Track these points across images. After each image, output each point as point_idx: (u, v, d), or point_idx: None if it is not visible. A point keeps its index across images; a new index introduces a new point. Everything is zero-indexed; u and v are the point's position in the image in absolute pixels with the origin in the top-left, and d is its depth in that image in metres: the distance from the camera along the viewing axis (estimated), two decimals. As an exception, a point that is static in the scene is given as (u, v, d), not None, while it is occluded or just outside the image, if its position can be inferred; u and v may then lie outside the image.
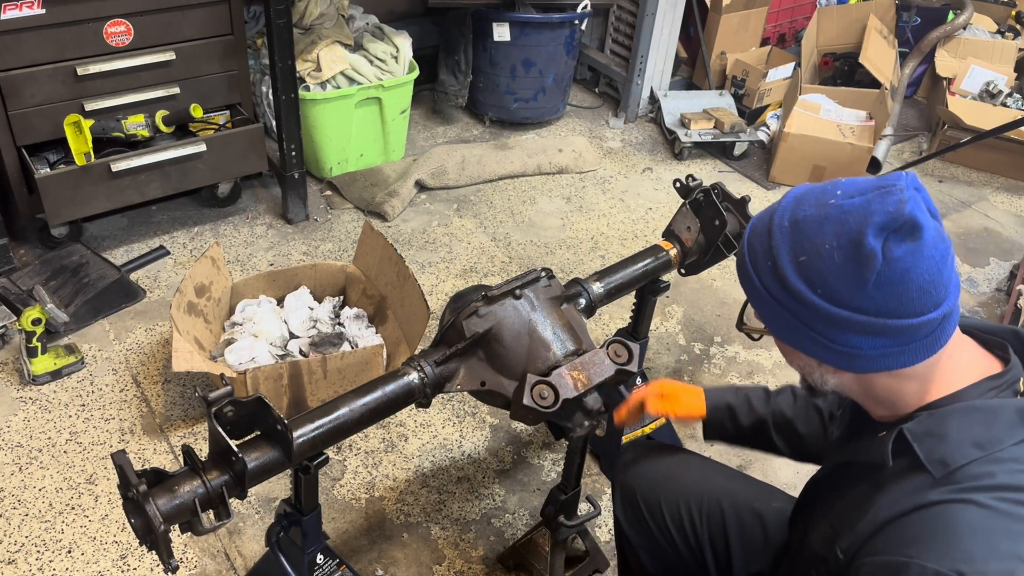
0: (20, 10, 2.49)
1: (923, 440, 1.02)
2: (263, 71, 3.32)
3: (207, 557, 2.06)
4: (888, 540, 1.01)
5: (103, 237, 3.09)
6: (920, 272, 0.95)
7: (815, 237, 0.99)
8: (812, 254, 0.98)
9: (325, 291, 2.73)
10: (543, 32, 3.76)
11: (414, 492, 2.28)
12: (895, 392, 1.07)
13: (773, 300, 1.04)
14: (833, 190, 1.01)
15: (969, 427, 1.01)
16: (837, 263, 0.97)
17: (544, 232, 3.36)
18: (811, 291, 0.99)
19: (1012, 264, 3.38)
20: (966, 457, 0.99)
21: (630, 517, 1.64)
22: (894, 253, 0.94)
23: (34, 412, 2.39)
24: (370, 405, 1.50)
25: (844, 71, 4.40)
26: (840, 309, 0.98)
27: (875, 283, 0.95)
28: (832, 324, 1.00)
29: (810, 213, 1.01)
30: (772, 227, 1.04)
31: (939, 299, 0.97)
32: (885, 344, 0.99)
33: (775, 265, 1.02)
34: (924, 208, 0.97)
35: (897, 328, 0.98)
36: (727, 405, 1.54)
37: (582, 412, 1.56)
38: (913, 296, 0.96)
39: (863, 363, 1.02)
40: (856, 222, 0.96)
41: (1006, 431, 1.00)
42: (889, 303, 0.96)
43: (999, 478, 0.98)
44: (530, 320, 1.58)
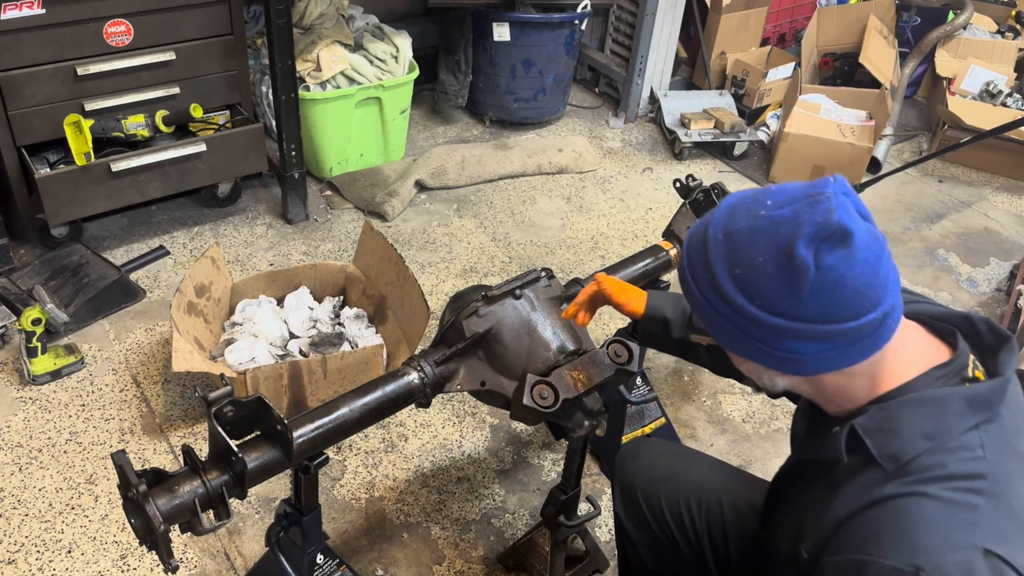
0: (20, 10, 2.49)
1: (874, 435, 1.03)
2: (263, 71, 3.32)
3: (207, 557, 2.06)
4: (847, 538, 1.02)
5: (103, 237, 3.09)
6: (854, 277, 0.96)
7: (748, 250, 1.00)
8: (747, 267, 1.00)
9: (325, 291, 2.73)
10: (543, 32, 3.76)
11: (414, 492, 2.28)
12: (845, 389, 1.08)
13: (714, 311, 1.05)
14: (764, 200, 1.02)
15: (918, 419, 1.02)
16: (771, 274, 0.98)
17: (544, 232, 3.36)
18: (749, 302, 1.00)
19: (1012, 264, 3.38)
20: (916, 449, 1.01)
21: (630, 514, 1.64)
22: (826, 262, 0.95)
23: (34, 412, 2.39)
24: (370, 405, 1.50)
25: (844, 71, 4.40)
26: (778, 319, 0.99)
27: (809, 292, 0.96)
28: (772, 333, 1.00)
29: (742, 226, 1.01)
30: (707, 240, 1.04)
31: (877, 300, 0.98)
32: (827, 348, 1.00)
33: (712, 278, 1.03)
34: (853, 213, 0.97)
35: (837, 332, 0.98)
36: (663, 318, 1.54)
37: (582, 412, 1.56)
38: (850, 300, 0.97)
39: (807, 367, 1.03)
40: (786, 233, 0.97)
41: (955, 420, 1.01)
42: (826, 310, 0.97)
43: (950, 467, 0.99)
44: (530, 320, 1.58)
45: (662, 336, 1.55)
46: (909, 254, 3.44)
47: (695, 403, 2.62)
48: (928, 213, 3.73)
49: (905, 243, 3.51)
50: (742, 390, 2.68)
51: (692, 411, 2.60)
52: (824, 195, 0.97)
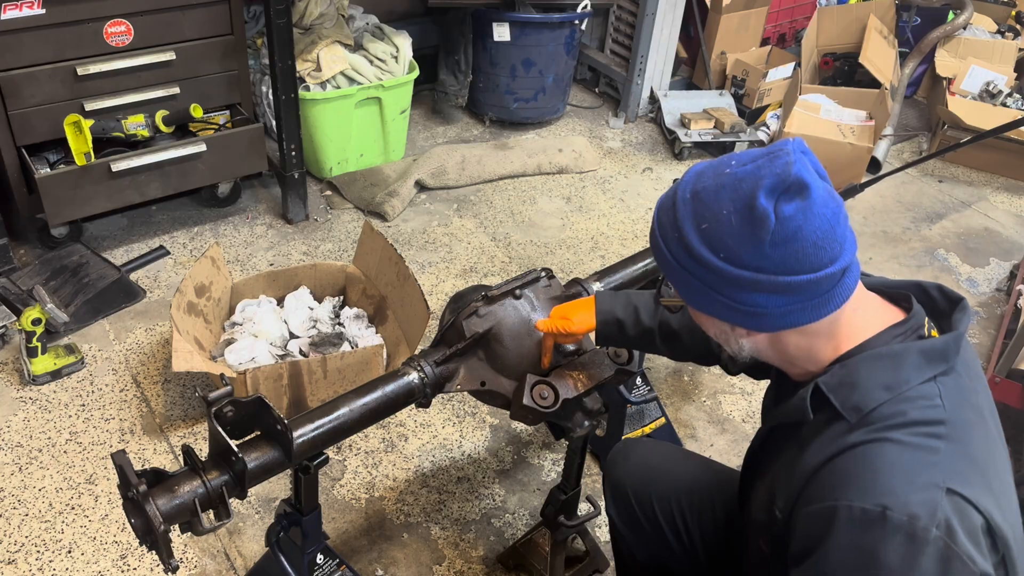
0: (20, 10, 2.49)
1: (837, 390, 1.07)
2: (263, 71, 3.32)
3: (207, 557, 2.06)
4: (816, 488, 1.06)
5: (103, 237, 3.09)
6: (812, 229, 1.01)
7: (714, 205, 1.05)
8: (712, 221, 1.05)
9: (325, 291, 2.73)
10: (543, 32, 3.76)
11: (414, 492, 2.28)
12: (807, 350, 1.12)
13: (682, 269, 1.10)
14: (728, 161, 1.08)
15: (878, 372, 1.06)
16: (735, 226, 1.03)
17: (544, 232, 3.36)
18: (714, 255, 1.05)
19: (1012, 264, 3.38)
20: (877, 400, 1.05)
21: (621, 513, 1.64)
22: (785, 212, 1.00)
23: (34, 412, 2.39)
24: (370, 405, 1.50)
25: (844, 71, 4.40)
26: (741, 270, 1.04)
27: (771, 242, 1.01)
28: (736, 286, 1.05)
29: (708, 184, 1.07)
30: (676, 201, 1.10)
31: (835, 254, 1.03)
32: (788, 301, 1.04)
33: (681, 236, 1.08)
34: (811, 169, 1.03)
35: (797, 284, 1.03)
36: (616, 320, 1.56)
37: (582, 412, 1.57)
38: (808, 252, 1.01)
39: (770, 321, 1.07)
40: (748, 186, 1.02)
41: (912, 372, 1.06)
42: (786, 260, 1.02)
43: (910, 415, 1.04)
44: (530, 320, 1.58)
45: (618, 337, 1.58)
46: (909, 254, 3.44)
47: (695, 403, 2.62)
48: (928, 213, 3.73)
49: (905, 243, 3.51)
50: (742, 390, 2.68)
51: (692, 411, 2.60)
52: (783, 151, 1.04)
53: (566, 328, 1.54)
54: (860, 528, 0.99)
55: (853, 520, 0.99)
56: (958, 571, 0.97)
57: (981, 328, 3.05)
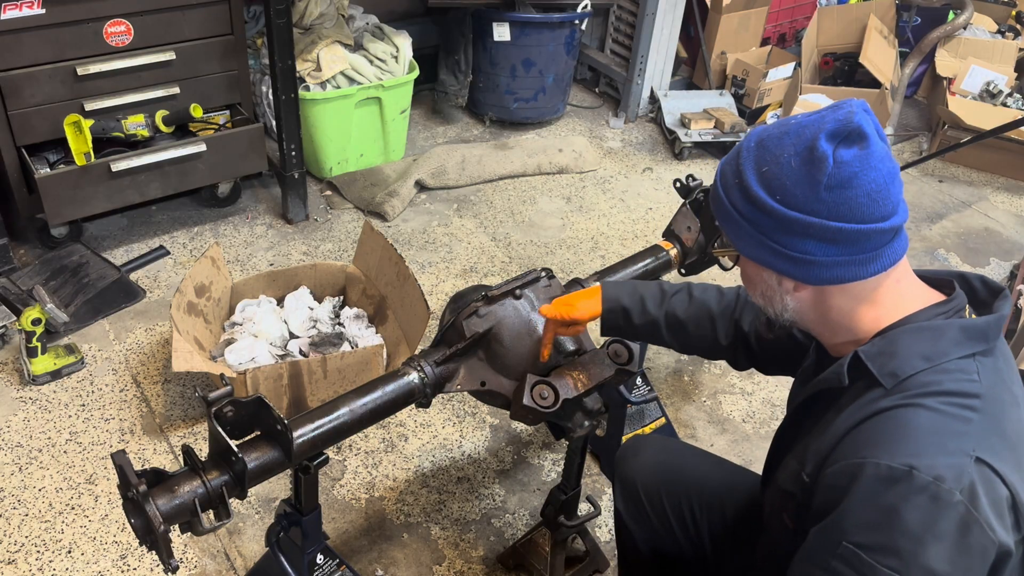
0: (20, 10, 2.49)
1: (875, 359, 1.09)
2: (263, 71, 3.32)
3: (207, 557, 2.06)
4: (844, 448, 1.07)
5: (103, 237, 3.09)
6: (868, 180, 1.03)
7: (776, 150, 1.08)
8: (773, 164, 1.08)
9: (325, 291, 2.73)
10: (543, 32, 3.76)
11: (414, 492, 2.28)
12: (848, 315, 1.13)
13: (737, 214, 1.12)
14: (795, 117, 1.12)
15: (917, 343, 1.08)
16: (794, 169, 1.05)
17: (544, 232, 3.36)
18: (770, 197, 1.07)
19: (1012, 264, 3.38)
20: (914, 368, 1.06)
21: (630, 509, 1.64)
22: (843, 157, 1.02)
23: (34, 412, 2.39)
24: (370, 405, 1.50)
25: (844, 71, 4.40)
26: (795, 212, 1.05)
27: (826, 185, 1.03)
28: (788, 230, 1.07)
29: (773, 132, 1.11)
30: (740, 150, 1.13)
31: (887, 211, 1.05)
32: (837, 251, 1.06)
33: (741, 181, 1.11)
34: (872, 125, 1.05)
35: (847, 233, 1.04)
36: (622, 308, 1.56)
37: (582, 412, 1.56)
38: (861, 202, 1.03)
39: (817, 271, 1.08)
40: (811, 132, 1.05)
41: (951, 346, 1.07)
42: (839, 207, 1.03)
43: (946, 385, 1.04)
44: (530, 320, 1.58)
45: (625, 326, 1.57)
46: (909, 254, 3.41)
47: (695, 403, 2.62)
48: (928, 213, 3.73)
49: (905, 243, 3.51)
50: (742, 390, 2.68)
51: (692, 411, 2.60)
52: (847, 104, 1.07)
53: (569, 314, 1.52)
54: (884, 485, 1.00)
55: (879, 477, 1.00)
56: (976, 537, 0.97)
57: (981, 328, 3.05)
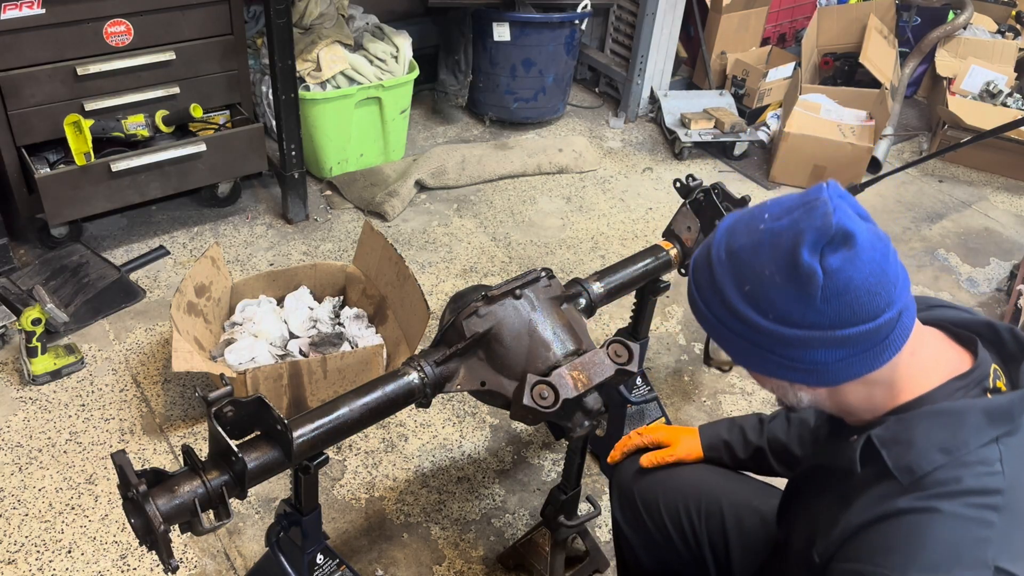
0: (20, 10, 2.49)
1: (890, 447, 1.02)
2: (263, 71, 3.32)
3: (207, 557, 2.06)
4: (858, 548, 1.02)
5: (103, 237, 3.09)
6: (863, 277, 0.95)
7: (754, 264, 1.00)
8: (755, 282, 1.00)
9: (325, 291, 2.73)
10: (543, 32, 3.76)
11: (414, 492, 2.28)
12: (865, 400, 1.07)
13: (729, 331, 1.04)
14: (761, 214, 1.02)
15: (935, 432, 1.01)
16: (780, 286, 0.97)
17: (544, 232, 3.36)
18: (763, 317, 1.00)
19: (1012, 264, 3.38)
20: (932, 463, 0.99)
21: (628, 517, 1.64)
22: (832, 265, 0.95)
23: (34, 412, 2.39)
24: (370, 405, 1.50)
25: (844, 71, 4.40)
26: (795, 329, 0.98)
27: (822, 298, 0.96)
28: (791, 345, 1.00)
29: (744, 242, 1.02)
30: (712, 261, 1.05)
31: (890, 298, 0.97)
32: (848, 353, 0.99)
33: (723, 298, 1.03)
34: (852, 214, 0.97)
35: (855, 336, 0.98)
36: (723, 442, 1.54)
37: (582, 412, 1.56)
38: (863, 302, 0.96)
39: (831, 376, 1.02)
40: (788, 243, 0.97)
41: (972, 434, 1.00)
42: (841, 314, 0.96)
43: (965, 483, 0.98)
44: (530, 320, 1.58)
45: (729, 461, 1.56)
46: (909, 254, 3.44)
47: (695, 403, 2.62)
48: (928, 213, 3.73)
49: (905, 243, 3.51)
50: (742, 390, 2.68)
51: (692, 411, 2.60)
52: (820, 200, 0.97)
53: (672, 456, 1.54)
54: None
55: None
56: None
57: (981, 328, 3.05)
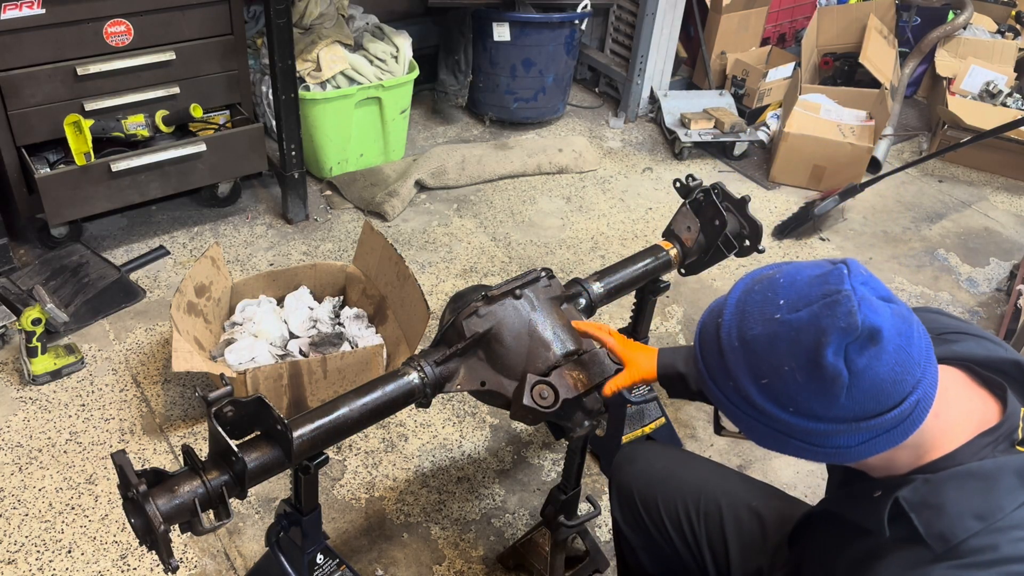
0: (20, 10, 2.49)
1: (920, 511, 0.99)
2: (263, 71, 3.32)
3: (207, 557, 2.06)
4: None
5: (103, 237, 3.09)
6: (889, 368, 0.92)
7: (771, 358, 0.95)
8: (773, 376, 0.95)
9: (325, 291, 2.73)
10: (543, 32, 3.76)
11: (414, 492, 2.28)
12: (890, 461, 1.04)
13: (745, 415, 1.00)
14: (775, 299, 0.97)
15: (967, 497, 0.98)
16: (801, 383, 0.93)
17: (544, 232, 3.36)
18: (782, 411, 0.96)
19: (1012, 264, 3.38)
20: (967, 531, 0.96)
21: (627, 517, 1.64)
22: (859, 366, 0.91)
23: (34, 412, 2.39)
24: (370, 405, 1.50)
25: (844, 71, 4.40)
26: (817, 423, 0.95)
27: (847, 396, 0.92)
28: (813, 435, 0.96)
29: (758, 332, 0.96)
30: (723, 347, 1.00)
31: (916, 379, 0.94)
32: (871, 435, 0.96)
33: (737, 387, 0.99)
34: (876, 304, 0.92)
35: (882, 423, 0.94)
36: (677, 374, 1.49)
37: (582, 412, 1.56)
38: (889, 392, 0.93)
39: (854, 455, 0.98)
40: (810, 341, 0.92)
41: (1006, 497, 0.97)
42: (866, 406, 0.93)
43: (1002, 550, 0.95)
44: (530, 320, 1.58)
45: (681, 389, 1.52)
46: (909, 254, 3.44)
47: (695, 403, 2.62)
48: (928, 213, 3.73)
49: (905, 243, 3.51)
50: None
51: (692, 411, 2.59)
52: (842, 295, 0.92)
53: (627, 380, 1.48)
54: None
55: None
56: None
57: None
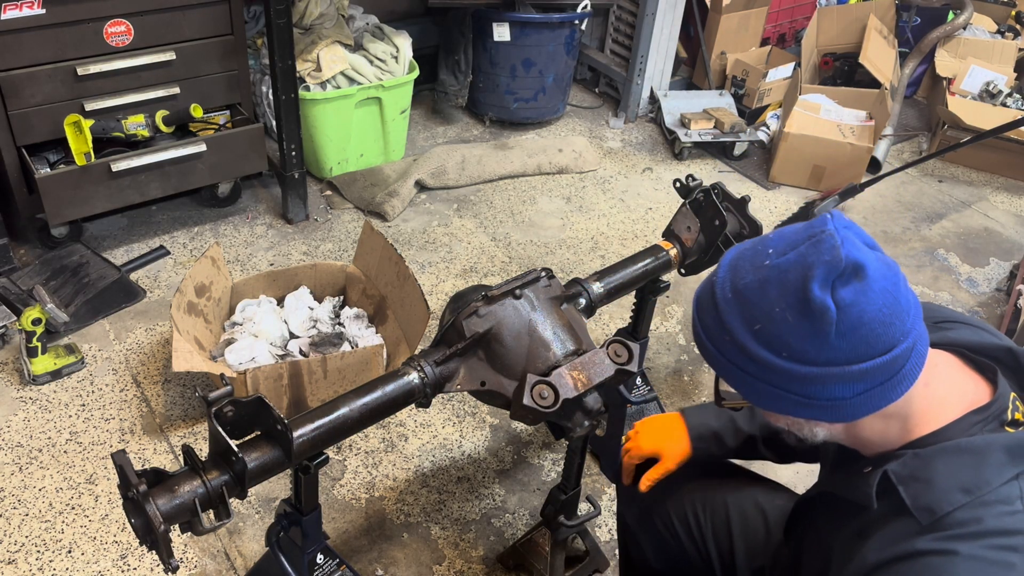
0: (20, 10, 2.49)
1: (909, 484, 1.00)
2: (263, 71, 3.32)
3: (207, 557, 2.06)
4: None
5: (103, 237, 3.09)
6: (877, 309, 0.93)
7: (762, 303, 0.97)
8: (765, 320, 0.97)
9: (325, 291, 2.73)
10: (543, 32, 3.76)
11: (414, 492, 2.28)
12: (881, 433, 1.05)
13: (742, 371, 1.01)
14: (764, 249, 0.99)
15: (956, 471, 0.99)
16: (792, 324, 0.95)
17: (544, 232, 3.36)
18: (776, 356, 0.97)
19: (1012, 264, 3.38)
20: (953, 503, 0.98)
21: (634, 513, 1.64)
22: (845, 299, 0.93)
23: (34, 412, 2.39)
24: (370, 405, 1.50)
25: (844, 71, 4.40)
26: (810, 367, 0.96)
27: (837, 333, 0.93)
28: (808, 382, 0.97)
29: (749, 280, 0.99)
30: (717, 301, 1.02)
31: (905, 327, 0.95)
32: (866, 387, 0.97)
33: (732, 339, 1.00)
34: (860, 244, 0.95)
35: (872, 369, 0.95)
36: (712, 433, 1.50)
37: (582, 412, 1.56)
38: (878, 333, 0.94)
39: (849, 411, 0.99)
40: (797, 278, 0.94)
41: (994, 472, 0.98)
42: (857, 348, 0.94)
43: (986, 523, 0.96)
44: (530, 320, 1.58)
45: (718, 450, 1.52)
46: (909, 254, 3.44)
47: (695, 402, 2.62)
48: (928, 213, 3.73)
49: (905, 243, 3.51)
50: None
51: (692, 411, 2.59)
52: (826, 232, 0.95)
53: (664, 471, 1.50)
54: None
55: None
56: None
57: (981, 328, 3.05)
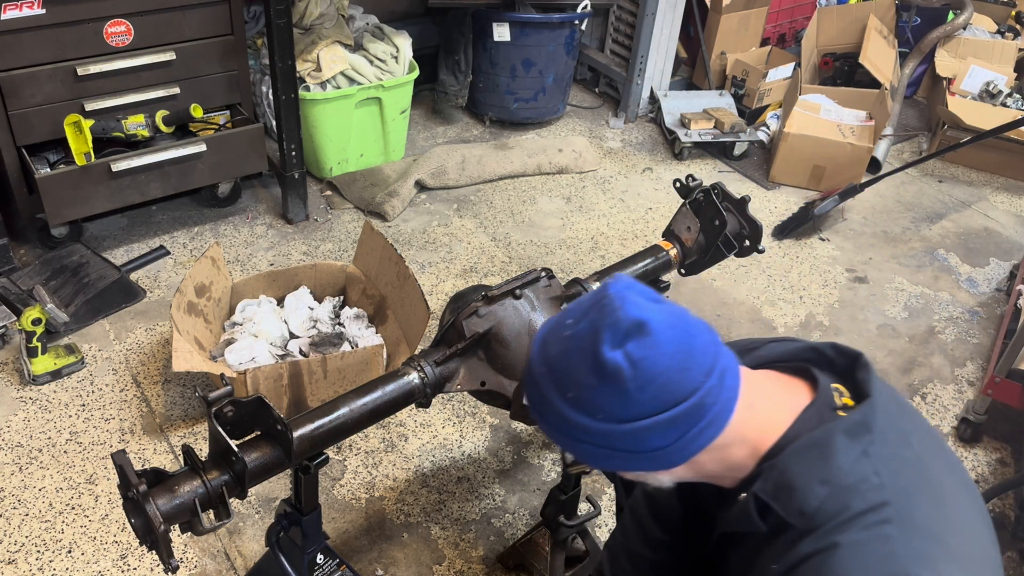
0: (20, 10, 2.49)
1: (776, 496, 1.04)
2: (263, 71, 3.32)
3: (207, 557, 2.06)
4: None
5: (103, 237, 3.09)
6: (669, 357, 0.98)
7: (569, 370, 1.02)
8: (575, 387, 1.02)
9: (325, 291, 2.73)
10: (543, 32, 3.76)
11: (414, 492, 2.28)
12: (725, 462, 1.08)
13: (570, 438, 1.06)
14: (564, 320, 1.06)
15: (808, 467, 1.03)
16: (596, 386, 0.99)
17: (544, 232, 3.36)
18: (593, 419, 1.01)
19: (1012, 264, 3.38)
20: (817, 497, 1.02)
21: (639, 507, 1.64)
22: (634, 356, 0.97)
23: (34, 412, 2.39)
24: (370, 405, 1.50)
25: (844, 71, 4.40)
26: (624, 424, 1.00)
27: (636, 388, 0.98)
28: (627, 438, 1.01)
29: (555, 351, 1.04)
30: (535, 376, 1.07)
31: (705, 367, 1.00)
32: (681, 432, 1.00)
33: (553, 408, 1.05)
34: (641, 302, 1.00)
35: (682, 413, 0.99)
36: None
37: (582, 412, 1.56)
38: (677, 380, 0.98)
39: (676, 455, 1.03)
40: (589, 344, 1.00)
41: (842, 455, 1.03)
42: (660, 397, 0.98)
43: (854, 506, 1.00)
44: (530, 320, 1.58)
45: None
46: (909, 254, 3.44)
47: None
48: (928, 213, 3.73)
49: (905, 243, 3.51)
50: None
51: (692, 411, 2.59)
52: (607, 296, 1.01)
53: None
54: None
55: None
56: None
57: (981, 328, 3.05)
